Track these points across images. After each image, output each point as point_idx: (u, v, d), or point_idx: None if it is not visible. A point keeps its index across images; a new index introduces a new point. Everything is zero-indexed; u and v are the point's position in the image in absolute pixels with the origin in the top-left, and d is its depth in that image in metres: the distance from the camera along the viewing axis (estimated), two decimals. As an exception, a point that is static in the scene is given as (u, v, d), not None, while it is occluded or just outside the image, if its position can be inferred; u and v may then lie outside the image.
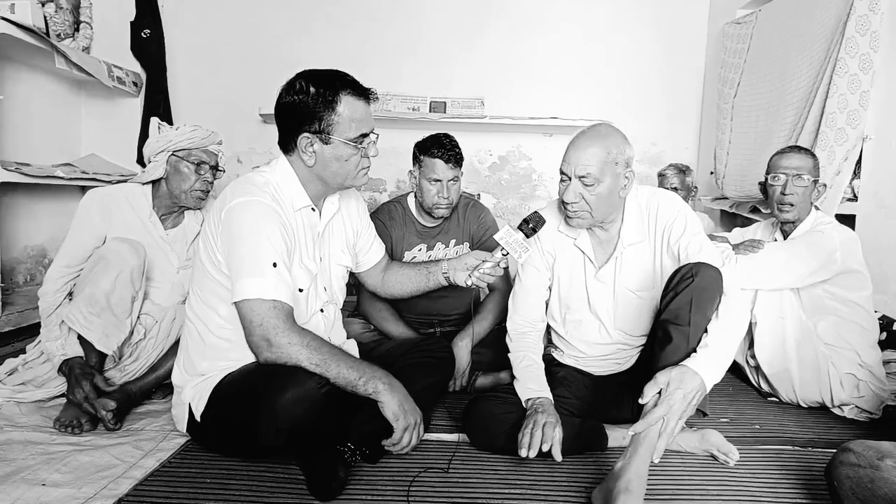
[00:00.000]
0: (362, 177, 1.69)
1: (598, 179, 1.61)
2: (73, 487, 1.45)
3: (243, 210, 1.55)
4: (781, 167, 2.16)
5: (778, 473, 1.63)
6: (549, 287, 1.90)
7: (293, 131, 1.62)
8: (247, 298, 1.50)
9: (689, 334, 1.44)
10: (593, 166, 1.59)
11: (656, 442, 1.35)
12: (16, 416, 1.88)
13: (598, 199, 1.63)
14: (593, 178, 1.60)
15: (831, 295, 2.10)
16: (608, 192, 1.63)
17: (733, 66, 3.54)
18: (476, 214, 2.48)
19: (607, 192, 1.63)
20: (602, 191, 1.62)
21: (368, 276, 2.03)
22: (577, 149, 1.63)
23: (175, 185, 2.04)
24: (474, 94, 3.90)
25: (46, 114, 3.46)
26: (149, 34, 3.71)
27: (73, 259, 1.98)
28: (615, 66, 4.05)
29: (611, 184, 1.62)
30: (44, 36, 2.85)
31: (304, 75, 1.61)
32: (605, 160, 1.60)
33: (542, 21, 4.01)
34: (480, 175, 4.12)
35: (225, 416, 1.55)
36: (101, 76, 3.32)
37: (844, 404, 2.07)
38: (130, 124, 3.75)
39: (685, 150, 4.15)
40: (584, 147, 1.62)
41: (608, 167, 1.61)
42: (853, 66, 2.55)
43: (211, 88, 3.91)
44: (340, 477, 1.45)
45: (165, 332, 2.06)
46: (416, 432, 1.62)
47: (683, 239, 1.66)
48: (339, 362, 1.52)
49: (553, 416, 1.59)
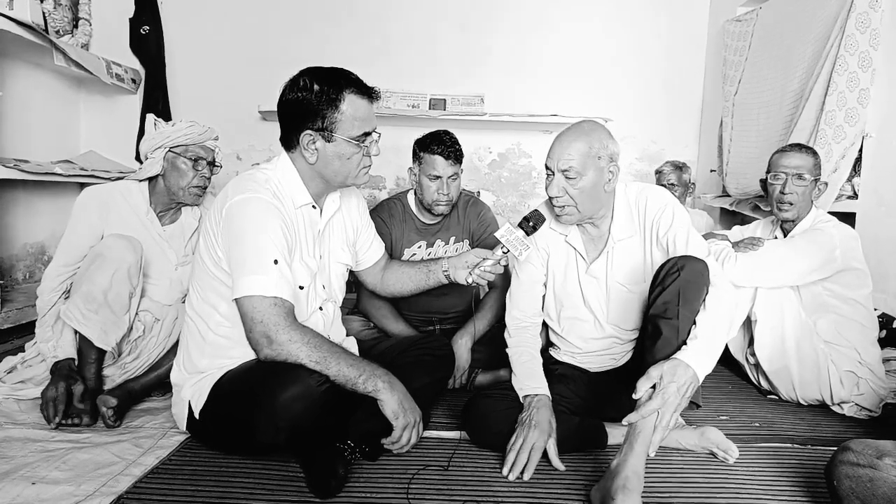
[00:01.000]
0: (364, 175, 1.69)
1: (581, 173, 1.63)
2: (72, 485, 1.45)
3: (245, 207, 1.54)
4: (782, 166, 2.16)
5: (777, 471, 1.64)
6: (544, 283, 1.91)
7: (296, 128, 1.61)
8: (247, 295, 1.50)
9: (679, 327, 1.46)
10: (575, 160, 1.62)
11: (651, 436, 1.35)
12: (15, 413, 1.88)
13: (582, 193, 1.65)
14: (575, 172, 1.63)
15: (831, 293, 2.10)
16: (591, 185, 1.65)
17: (734, 64, 3.54)
18: (476, 212, 2.48)
19: (590, 185, 1.65)
20: (585, 185, 1.64)
21: (368, 275, 2.03)
22: (560, 144, 1.67)
23: (172, 182, 2.04)
24: (474, 92, 3.90)
25: (45, 110, 3.45)
26: (148, 31, 3.70)
27: (70, 257, 1.97)
28: (616, 63, 4.05)
29: (594, 178, 1.65)
30: (42, 32, 2.84)
31: (308, 72, 1.60)
32: (587, 154, 1.63)
33: (543, 19, 4.00)
34: (480, 172, 4.12)
35: (224, 414, 1.55)
36: (100, 73, 3.31)
37: (844, 402, 2.07)
38: (129, 121, 3.75)
39: (685, 147, 4.15)
40: (567, 142, 1.65)
41: (590, 161, 1.63)
42: (853, 64, 2.54)
43: (210, 85, 3.91)
44: (340, 475, 1.45)
45: (167, 330, 2.06)
46: (416, 431, 1.62)
47: (671, 232, 1.68)
48: (339, 360, 1.52)
49: (546, 424, 1.61)
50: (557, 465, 1.58)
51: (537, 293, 1.91)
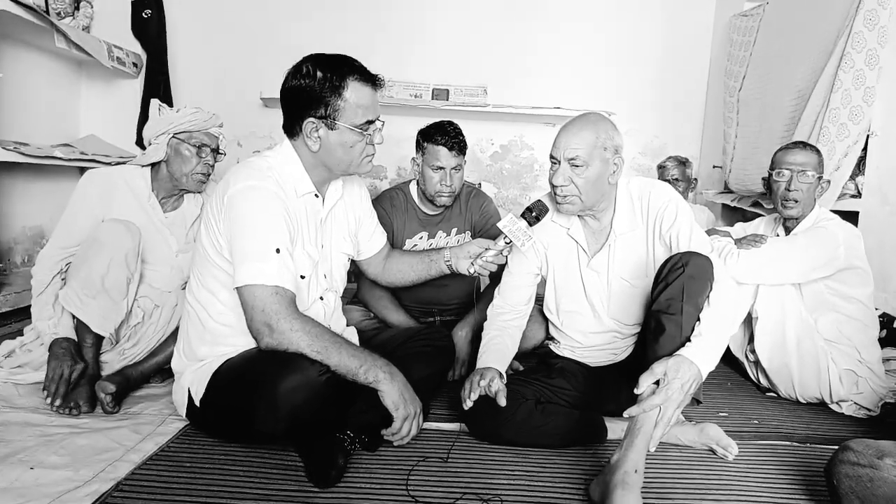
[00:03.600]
0: (367, 164, 1.68)
1: (587, 163, 1.64)
2: (70, 470, 1.44)
3: (247, 195, 1.53)
4: (786, 163, 2.15)
5: (776, 469, 1.64)
6: (536, 274, 1.92)
7: (299, 116, 1.60)
8: (249, 283, 1.49)
9: (682, 323, 1.45)
10: (582, 149, 1.63)
11: (652, 432, 1.35)
12: (13, 397, 1.87)
13: (587, 182, 1.65)
14: (582, 161, 1.63)
15: (833, 291, 2.09)
16: (596, 176, 1.65)
17: (739, 59, 3.52)
18: (478, 203, 2.47)
19: (595, 176, 1.65)
20: (590, 175, 1.65)
21: (370, 265, 2.02)
22: (566, 133, 1.67)
23: (176, 168, 2.02)
24: (477, 83, 3.87)
25: (45, 93, 3.42)
26: (150, 15, 3.66)
27: (68, 240, 1.95)
28: (620, 57, 4.02)
29: (599, 168, 1.65)
30: (43, 14, 2.81)
31: (311, 59, 1.59)
32: (593, 144, 1.63)
33: (547, 11, 3.97)
34: (482, 164, 4.10)
35: (224, 403, 1.55)
36: (101, 56, 3.28)
37: (843, 401, 2.08)
38: (130, 106, 3.71)
39: (689, 142, 4.13)
40: (574, 132, 1.65)
41: (597, 152, 1.64)
42: (859, 62, 2.52)
43: (212, 71, 3.87)
44: (339, 465, 1.45)
45: (167, 317, 2.05)
46: (416, 422, 1.62)
47: (674, 227, 1.68)
48: (340, 350, 1.52)
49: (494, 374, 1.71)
50: (501, 401, 1.63)
51: (525, 283, 1.92)
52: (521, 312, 1.93)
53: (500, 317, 1.92)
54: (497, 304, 1.94)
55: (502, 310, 1.93)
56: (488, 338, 1.87)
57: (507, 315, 1.91)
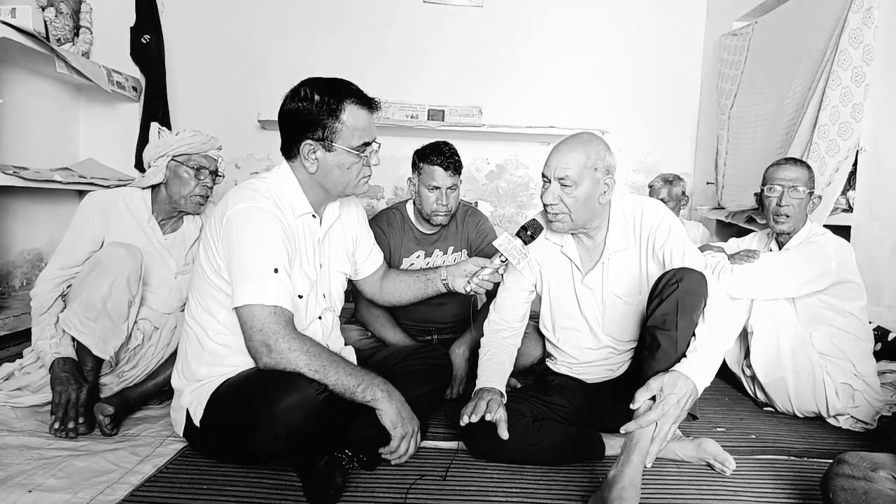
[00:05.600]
0: (363, 185, 1.71)
1: (577, 182, 1.66)
2: (69, 492, 1.44)
3: (245, 215, 1.55)
4: (777, 178, 2.18)
5: (773, 483, 1.64)
6: (530, 291, 1.94)
7: (296, 138, 1.62)
8: (247, 304, 1.50)
9: (678, 339, 1.47)
10: (572, 169, 1.65)
11: (649, 447, 1.36)
12: (11, 420, 1.87)
13: (576, 202, 1.67)
14: (571, 181, 1.65)
15: (826, 305, 2.11)
16: (586, 195, 1.68)
17: (730, 78, 3.57)
18: (475, 222, 2.50)
19: (585, 195, 1.67)
20: (580, 194, 1.67)
21: (367, 284, 2.03)
22: (557, 153, 1.69)
23: (175, 190, 2.05)
24: (472, 103, 3.92)
25: (45, 118, 3.46)
26: (149, 40, 3.71)
27: (68, 261, 1.97)
28: (613, 76, 4.08)
29: (589, 188, 1.67)
30: (44, 40, 2.86)
31: (308, 83, 1.62)
32: (584, 164, 1.66)
33: (541, 31, 4.04)
34: (478, 183, 4.14)
35: (223, 422, 1.55)
36: (101, 81, 3.32)
37: (840, 414, 2.08)
38: (129, 129, 3.75)
39: (681, 160, 4.18)
40: (565, 152, 1.68)
41: (587, 172, 1.66)
42: (846, 79, 2.57)
43: (210, 94, 3.92)
44: (338, 484, 1.45)
45: (166, 339, 2.06)
46: (414, 441, 1.63)
47: (668, 244, 1.70)
48: (338, 369, 1.53)
49: (497, 398, 1.68)
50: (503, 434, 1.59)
51: (520, 300, 1.94)
52: (517, 330, 1.95)
53: (498, 333, 1.93)
54: (493, 318, 1.95)
55: (498, 326, 1.94)
56: (488, 355, 1.87)
57: (504, 332, 1.92)
